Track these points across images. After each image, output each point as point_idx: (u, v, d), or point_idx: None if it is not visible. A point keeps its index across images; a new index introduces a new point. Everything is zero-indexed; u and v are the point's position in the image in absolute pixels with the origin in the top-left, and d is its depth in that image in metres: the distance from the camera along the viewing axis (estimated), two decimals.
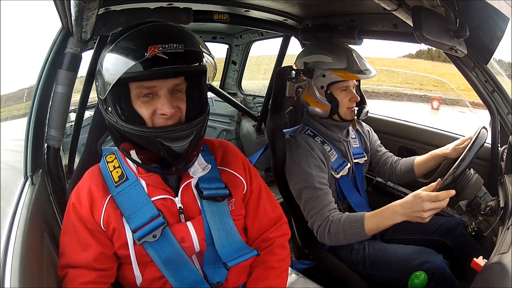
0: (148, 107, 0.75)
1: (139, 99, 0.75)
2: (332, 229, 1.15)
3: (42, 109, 0.96)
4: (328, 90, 1.27)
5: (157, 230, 0.78)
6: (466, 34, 0.95)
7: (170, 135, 0.73)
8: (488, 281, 0.70)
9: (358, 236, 1.12)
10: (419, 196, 1.01)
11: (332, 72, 1.23)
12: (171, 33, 0.73)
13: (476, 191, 1.13)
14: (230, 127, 2.76)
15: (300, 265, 1.37)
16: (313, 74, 1.27)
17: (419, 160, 1.45)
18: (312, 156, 1.25)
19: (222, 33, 2.53)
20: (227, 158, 0.94)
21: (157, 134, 0.73)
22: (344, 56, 1.25)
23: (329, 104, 1.27)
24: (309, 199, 1.21)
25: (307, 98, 1.32)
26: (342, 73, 1.23)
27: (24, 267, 0.65)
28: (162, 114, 0.74)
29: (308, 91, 1.30)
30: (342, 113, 1.30)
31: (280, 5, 1.47)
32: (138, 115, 0.75)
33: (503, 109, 1.23)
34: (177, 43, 0.69)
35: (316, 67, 1.27)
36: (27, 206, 0.80)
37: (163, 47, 0.68)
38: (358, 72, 1.23)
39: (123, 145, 0.80)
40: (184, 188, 0.84)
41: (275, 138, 1.36)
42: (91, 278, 0.77)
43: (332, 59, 1.25)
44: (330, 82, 1.25)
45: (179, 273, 0.80)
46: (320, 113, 1.31)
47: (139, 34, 0.73)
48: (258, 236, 0.96)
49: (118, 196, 0.80)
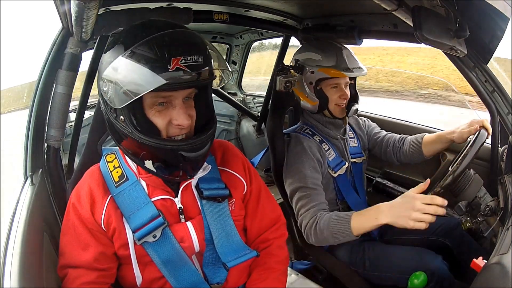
0: (163, 117, 0.74)
1: (153, 108, 0.74)
2: (319, 226, 1.13)
3: (42, 109, 0.96)
4: (318, 86, 1.31)
5: (157, 230, 0.78)
6: (466, 34, 0.95)
7: (192, 147, 0.74)
8: (488, 282, 0.70)
9: (344, 234, 1.09)
10: (411, 194, 0.97)
11: (320, 69, 1.27)
12: (190, 42, 0.73)
13: (476, 191, 1.13)
14: (230, 127, 2.76)
15: (300, 265, 1.37)
16: (303, 70, 1.32)
17: (427, 140, 1.41)
18: (307, 157, 1.26)
19: (222, 33, 2.53)
20: (227, 158, 0.94)
21: (179, 147, 0.73)
22: (333, 54, 1.28)
23: (317, 100, 1.31)
24: (301, 198, 1.22)
25: (299, 93, 1.36)
26: (330, 70, 1.26)
27: (24, 267, 0.65)
28: (179, 124, 0.74)
29: (299, 87, 1.34)
30: (331, 109, 1.33)
31: (280, 5, 1.47)
32: (153, 125, 0.74)
33: (503, 109, 1.23)
34: (197, 55, 0.69)
35: (306, 64, 1.32)
36: (27, 206, 0.80)
37: (185, 60, 0.68)
38: (345, 70, 1.26)
39: (139, 154, 0.78)
40: (184, 189, 0.84)
41: (275, 138, 1.36)
42: (92, 278, 0.77)
43: (321, 56, 1.29)
44: (318, 78, 1.29)
45: (178, 274, 0.80)
46: (310, 108, 1.34)
47: (160, 43, 0.69)
48: (257, 237, 0.96)
49: (118, 196, 0.80)
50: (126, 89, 0.68)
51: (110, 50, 0.74)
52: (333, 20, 1.53)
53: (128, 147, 0.79)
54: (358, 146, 1.46)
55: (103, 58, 0.75)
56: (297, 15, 1.63)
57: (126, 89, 0.68)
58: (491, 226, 1.04)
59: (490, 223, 1.05)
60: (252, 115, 2.61)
